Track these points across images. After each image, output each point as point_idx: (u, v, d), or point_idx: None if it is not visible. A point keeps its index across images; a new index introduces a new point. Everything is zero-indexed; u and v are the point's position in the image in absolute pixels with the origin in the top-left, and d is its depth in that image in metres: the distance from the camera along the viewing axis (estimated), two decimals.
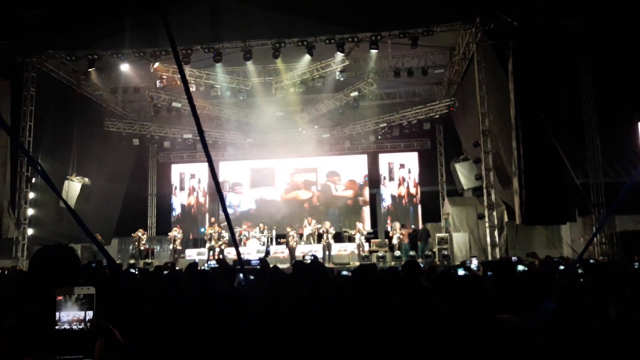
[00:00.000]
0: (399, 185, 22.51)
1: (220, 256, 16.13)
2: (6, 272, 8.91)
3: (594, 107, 15.40)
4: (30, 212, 16.46)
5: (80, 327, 1.04)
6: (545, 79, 13.36)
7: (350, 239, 18.50)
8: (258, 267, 7.60)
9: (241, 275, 3.36)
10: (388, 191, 22.57)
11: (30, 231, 16.32)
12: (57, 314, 1.04)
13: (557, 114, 13.24)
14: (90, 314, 1.06)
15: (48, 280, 1.10)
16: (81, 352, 1.02)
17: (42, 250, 2.18)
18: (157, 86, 18.36)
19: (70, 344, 1.02)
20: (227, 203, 20.86)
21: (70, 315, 1.04)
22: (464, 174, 18.31)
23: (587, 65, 15.43)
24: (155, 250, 19.82)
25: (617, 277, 5.74)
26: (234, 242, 2.47)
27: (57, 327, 1.03)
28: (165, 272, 6.31)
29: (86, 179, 18.07)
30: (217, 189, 1.99)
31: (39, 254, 2.16)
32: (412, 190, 22.36)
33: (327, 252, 16.99)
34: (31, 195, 16.52)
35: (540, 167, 12.84)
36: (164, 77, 17.89)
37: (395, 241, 17.54)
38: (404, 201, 22.33)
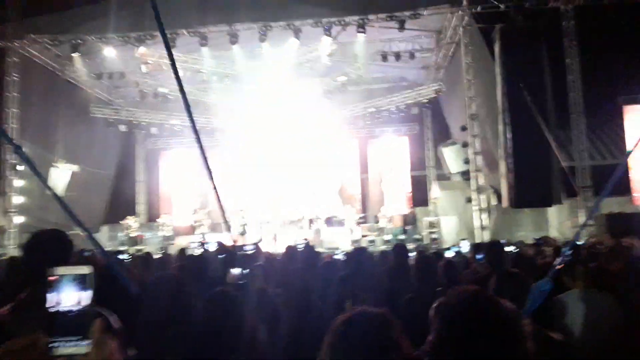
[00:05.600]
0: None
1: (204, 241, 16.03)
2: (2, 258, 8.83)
3: (580, 90, 15.49)
4: (17, 199, 16.26)
5: (76, 308, 0.99)
6: (532, 62, 13.39)
7: (341, 224, 18.56)
8: (250, 252, 7.62)
9: (235, 270, 3.28)
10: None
11: (18, 219, 16.14)
12: (51, 295, 0.99)
13: (543, 97, 13.30)
14: (86, 294, 1.00)
15: (41, 265, 1.04)
16: (77, 333, 0.98)
17: (35, 235, 2.17)
18: (143, 71, 18.12)
19: (66, 326, 0.98)
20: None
21: (64, 296, 0.99)
22: (452, 158, 18.38)
23: (574, 48, 15.48)
24: (145, 237, 19.72)
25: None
26: (227, 227, 2.47)
27: (51, 309, 0.98)
28: (157, 256, 6.32)
29: (74, 166, 17.87)
30: (208, 174, 1.98)
31: (32, 238, 2.15)
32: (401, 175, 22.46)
33: (318, 238, 17.04)
34: (18, 182, 16.30)
35: (527, 150, 12.91)
36: (149, 62, 17.63)
37: (382, 225, 17.68)
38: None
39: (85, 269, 1.01)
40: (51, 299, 0.99)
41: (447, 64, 18.39)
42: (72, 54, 16.67)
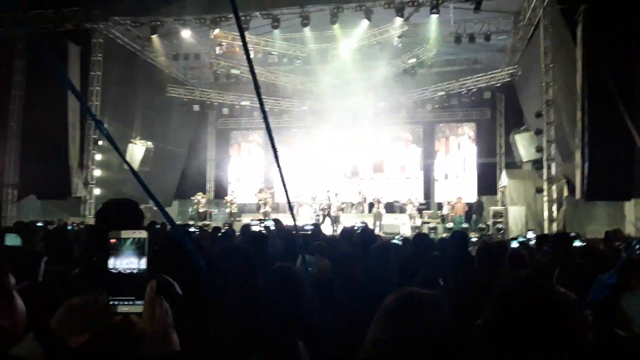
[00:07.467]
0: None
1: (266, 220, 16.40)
2: (82, 226, 9.53)
3: None
4: (97, 173, 17.35)
5: (133, 270, 1.06)
6: (618, 46, 12.49)
7: (402, 210, 18.40)
8: (310, 232, 7.77)
9: (304, 256, 3.35)
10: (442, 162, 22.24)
11: (97, 191, 17.22)
12: (110, 257, 1.06)
13: (629, 84, 12.41)
14: (143, 257, 1.06)
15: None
16: (134, 294, 1.05)
17: (107, 204, 2.34)
18: (217, 53, 18.62)
19: (123, 286, 1.05)
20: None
21: (122, 258, 1.06)
22: (523, 145, 17.66)
23: None
24: (212, 213, 20.50)
25: None
26: (290, 207, 2.54)
27: (110, 270, 1.05)
28: (222, 231, 6.58)
29: (149, 143, 18.77)
30: (274, 154, 2.03)
31: (105, 207, 2.32)
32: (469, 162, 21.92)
33: (377, 222, 17.01)
34: (98, 157, 17.37)
35: (606, 140, 12.15)
36: (223, 43, 18.10)
37: (445, 212, 17.39)
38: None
39: (142, 234, 1.07)
40: (111, 260, 1.06)
41: (524, 47, 17.55)
42: (152, 36, 17.41)
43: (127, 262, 1.06)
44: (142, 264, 1.06)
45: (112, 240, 1.07)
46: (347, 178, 22.08)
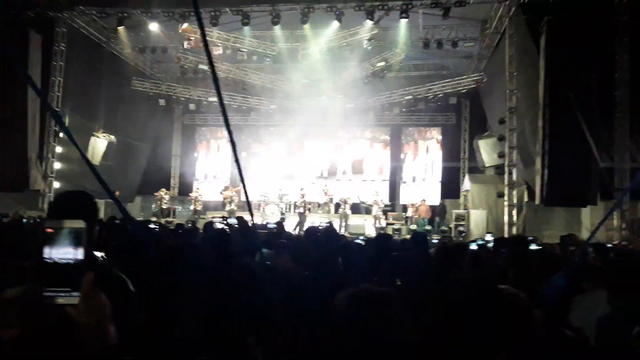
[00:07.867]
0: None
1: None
2: (38, 220, 9.25)
3: (627, 88, 14.83)
4: (57, 165, 16.84)
5: (70, 261, 1.02)
6: (579, 57, 12.92)
7: (368, 211, 18.55)
8: (275, 230, 7.75)
9: (264, 250, 3.35)
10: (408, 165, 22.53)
11: (56, 184, 16.72)
12: (47, 247, 1.02)
13: (587, 94, 12.86)
14: (80, 248, 1.03)
15: None
16: (70, 285, 1.02)
17: (62, 195, 2.28)
18: (185, 47, 18.36)
19: (59, 278, 1.01)
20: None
21: (59, 248, 1.03)
22: (486, 150, 18.07)
23: (625, 44, 14.78)
24: (176, 210, 20.18)
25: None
26: (248, 205, 2.53)
27: (46, 260, 1.02)
28: (185, 228, 6.49)
29: (112, 136, 18.34)
30: (233, 151, 2.04)
31: (59, 198, 2.26)
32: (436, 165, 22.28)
33: (343, 222, 17.10)
34: (59, 149, 16.86)
35: (565, 148, 12.57)
36: (191, 38, 17.86)
37: (409, 214, 17.65)
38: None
39: (80, 224, 1.04)
40: (47, 250, 1.02)
41: (490, 55, 17.96)
42: (118, 27, 17.01)
43: (64, 253, 1.02)
44: (79, 254, 1.03)
45: (49, 230, 1.03)
46: (323, 178, 22.17)
